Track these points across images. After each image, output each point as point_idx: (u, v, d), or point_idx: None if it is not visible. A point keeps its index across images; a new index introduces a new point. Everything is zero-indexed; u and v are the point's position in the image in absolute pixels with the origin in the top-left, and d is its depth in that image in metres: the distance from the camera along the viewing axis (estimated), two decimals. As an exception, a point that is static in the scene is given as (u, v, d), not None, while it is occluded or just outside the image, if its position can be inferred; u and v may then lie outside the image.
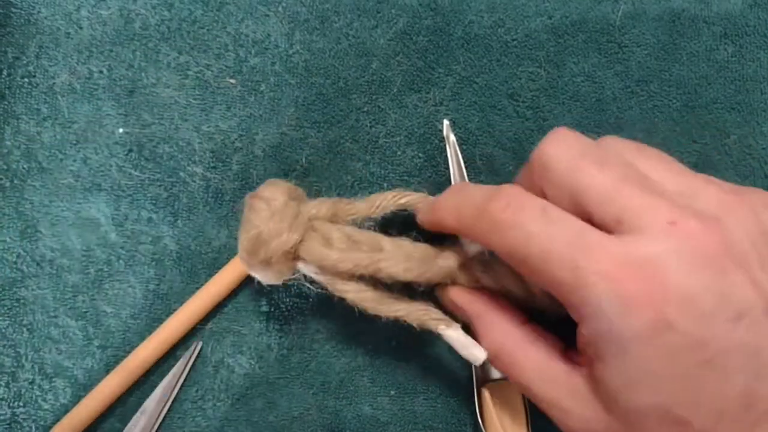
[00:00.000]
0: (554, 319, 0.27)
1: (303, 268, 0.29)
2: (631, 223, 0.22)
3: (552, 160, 0.25)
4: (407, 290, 0.30)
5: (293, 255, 0.29)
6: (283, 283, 0.30)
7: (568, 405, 0.25)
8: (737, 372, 0.22)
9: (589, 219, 0.24)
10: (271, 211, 0.28)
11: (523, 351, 0.26)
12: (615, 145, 0.26)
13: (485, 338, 0.28)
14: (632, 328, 0.22)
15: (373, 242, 0.29)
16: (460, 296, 0.29)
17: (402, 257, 0.28)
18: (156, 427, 0.29)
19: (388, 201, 0.30)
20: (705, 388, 0.22)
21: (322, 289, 0.30)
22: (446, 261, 0.29)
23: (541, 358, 0.26)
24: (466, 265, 0.29)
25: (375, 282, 0.29)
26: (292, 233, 0.28)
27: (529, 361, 0.26)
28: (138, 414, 0.31)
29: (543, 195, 0.25)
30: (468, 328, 0.29)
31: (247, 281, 0.33)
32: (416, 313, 0.29)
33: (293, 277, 0.30)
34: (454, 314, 0.30)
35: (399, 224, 0.32)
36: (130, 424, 0.30)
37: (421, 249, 0.29)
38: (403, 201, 0.30)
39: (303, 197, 0.30)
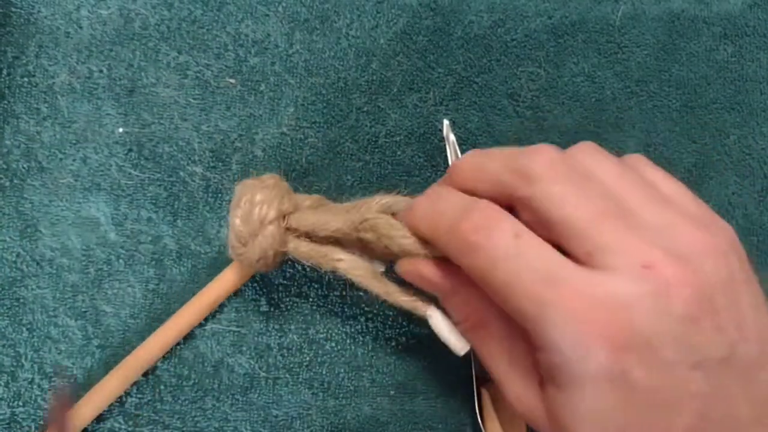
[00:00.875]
0: None
1: (294, 244, 0.29)
2: (603, 261, 0.22)
3: (534, 179, 0.24)
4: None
5: (286, 224, 0.29)
6: (275, 269, 0.29)
7: (523, 393, 0.25)
8: (683, 416, 0.22)
9: (558, 245, 0.23)
10: (264, 185, 0.29)
11: (497, 332, 0.26)
12: (598, 162, 0.25)
13: (459, 313, 0.27)
14: (587, 370, 0.21)
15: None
16: (429, 270, 0.28)
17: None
18: None
19: (369, 206, 0.29)
20: (648, 429, 0.22)
21: (314, 265, 0.29)
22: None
23: (507, 344, 0.26)
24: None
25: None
26: (284, 201, 0.29)
27: (501, 342, 0.26)
28: None
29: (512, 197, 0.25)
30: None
31: (247, 282, 0.33)
32: (405, 294, 0.29)
33: (284, 251, 0.29)
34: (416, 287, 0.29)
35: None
36: None
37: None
38: (385, 201, 0.30)
39: (290, 189, 0.31)
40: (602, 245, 0.22)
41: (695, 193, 0.35)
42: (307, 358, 0.33)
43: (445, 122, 0.35)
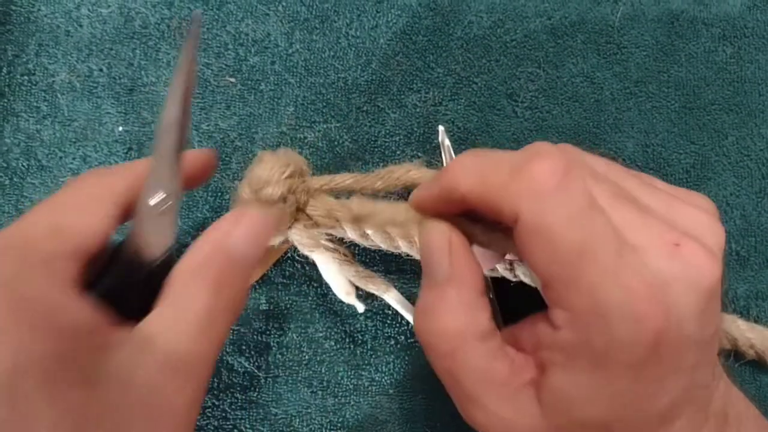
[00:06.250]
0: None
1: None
2: (634, 240, 0.21)
3: (539, 178, 0.22)
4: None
5: (303, 183, 0.30)
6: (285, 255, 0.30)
7: (501, 411, 0.23)
8: (674, 389, 0.22)
9: None
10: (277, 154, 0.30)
11: (474, 348, 0.23)
12: (589, 160, 0.24)
13: (440, 317, 0.24)
14: (631, 351, 0.21)
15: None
16: (440, 240, 0.25)
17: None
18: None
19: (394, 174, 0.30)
20: (640, 405, 0.22)
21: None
22: None
23: (488, 359, 0.23)
24: None
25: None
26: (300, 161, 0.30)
27: (475, 359, 0.23)
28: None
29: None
30: None
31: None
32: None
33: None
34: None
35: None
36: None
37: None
38: (412, 173, 0.30)
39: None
40: (628, 224, 0.22)
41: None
42: (306, 357, 0.33)
43: (441, 128, 0.35)
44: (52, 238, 0.21)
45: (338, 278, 0.32)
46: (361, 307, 0.32)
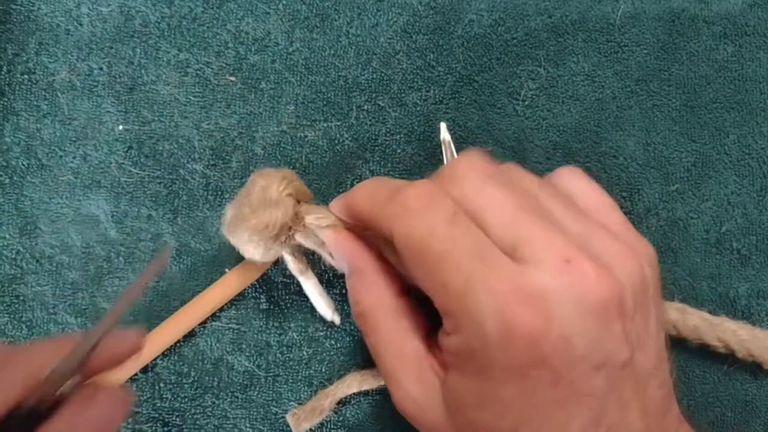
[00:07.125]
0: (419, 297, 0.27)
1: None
2: (526, 253, 0.22)
3: (460, 177, 0.25)
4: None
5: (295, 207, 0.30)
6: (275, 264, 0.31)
7: (412, 389, 0.25)
8: (580, 416, 0.22)
9: None
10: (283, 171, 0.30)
11: (389, 323, 0.26)
12: (520, 175, 0.26)
13: (359, 296, 0.27)
14: (507, 354, 0.21)
15: None
16: (346, 243, 0.28)
17: None
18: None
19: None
20: (545, 426, 0.22)
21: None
22: None
23: (402, 336, 0.26)
24: None
25: None
26: (300, 186, 0.30)
27: (391, 334, 0.26)
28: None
29: None
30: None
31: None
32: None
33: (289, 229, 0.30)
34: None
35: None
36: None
37: None
38: None
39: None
40: (525, 237, 0.23)
41: (693, 192, 0.35)
42: (307, 356, 0.33)
43: (442, 125, 0.35)
44: None
45: (322, 298, 0.32)
46: (338, 320, 0.32)
